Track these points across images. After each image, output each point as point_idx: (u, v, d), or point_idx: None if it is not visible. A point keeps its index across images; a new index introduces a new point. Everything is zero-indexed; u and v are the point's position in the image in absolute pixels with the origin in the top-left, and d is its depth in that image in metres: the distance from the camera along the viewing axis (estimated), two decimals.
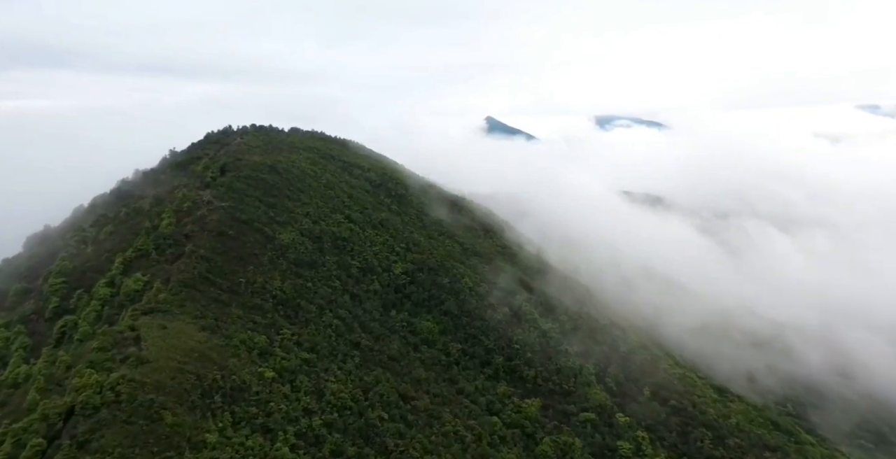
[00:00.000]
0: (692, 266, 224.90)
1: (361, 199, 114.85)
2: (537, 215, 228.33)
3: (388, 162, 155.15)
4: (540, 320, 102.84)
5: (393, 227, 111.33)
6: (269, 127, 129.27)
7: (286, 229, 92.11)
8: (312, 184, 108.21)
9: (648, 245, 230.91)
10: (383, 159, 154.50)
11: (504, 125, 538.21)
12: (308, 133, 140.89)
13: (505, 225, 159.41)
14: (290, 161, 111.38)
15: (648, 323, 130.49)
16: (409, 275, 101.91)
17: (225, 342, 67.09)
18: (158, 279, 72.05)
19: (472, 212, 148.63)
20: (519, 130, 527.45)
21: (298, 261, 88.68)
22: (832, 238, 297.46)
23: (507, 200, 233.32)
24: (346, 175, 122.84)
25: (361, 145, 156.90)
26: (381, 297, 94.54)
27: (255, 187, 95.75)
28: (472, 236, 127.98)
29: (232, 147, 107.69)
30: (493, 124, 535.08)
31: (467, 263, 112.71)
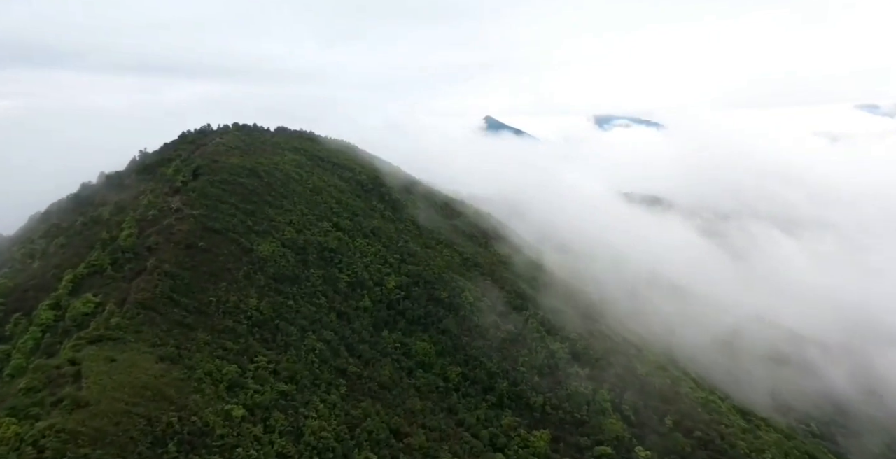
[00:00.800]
0: (698, 271, 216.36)
1: (352, 205, 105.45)
2: (537, 217, 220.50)
3: (383, 164, 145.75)
4: (547, 338, 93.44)
5: (386, 236, 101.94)
6: (253, 126, 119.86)
7: (266, 240, 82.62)
8: (297, 188, 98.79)
9: (652, 249, 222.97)
10: (377, 161, 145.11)
11: (503, 125, 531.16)
12: (296, 133, 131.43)
13: (506, 230, 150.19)
14: (273, 163, 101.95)
15: (659, 337, 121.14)
16: (404, 290, 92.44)
17: (186, 374, 57.55)
18: (113, 300, 62.50)
19: (471, 218, 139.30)
20: (518, 130, 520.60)
21: (279, 276, 79.15)
22: (837, 240, 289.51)
23: (506, 202, 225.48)
24: (335, 178, 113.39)
25: (354, 146, 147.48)
26: (371, 315, 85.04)
27: (231, 193, 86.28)
28: (473, 244, 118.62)
29: (209, 148, 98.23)
30: (492, 124, 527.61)
31: (467, 275, 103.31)
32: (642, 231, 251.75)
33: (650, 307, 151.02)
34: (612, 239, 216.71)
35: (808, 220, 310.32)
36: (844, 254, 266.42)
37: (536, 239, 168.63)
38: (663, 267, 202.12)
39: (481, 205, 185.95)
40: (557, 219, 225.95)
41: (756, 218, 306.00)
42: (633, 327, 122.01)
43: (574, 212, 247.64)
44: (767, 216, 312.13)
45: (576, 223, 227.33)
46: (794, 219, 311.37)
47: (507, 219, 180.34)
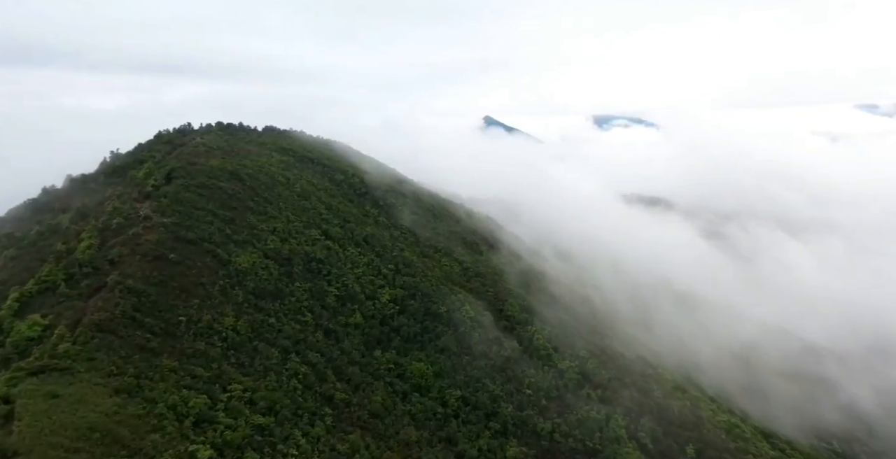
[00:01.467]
0: (704, 276, 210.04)
1: (343, 211, 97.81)
2: (536, 220, 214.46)
3: (379, 166, 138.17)
4: (555, 356, 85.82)
5: (380, 244, 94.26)
6: (239, 125, 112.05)
7: (246, 250, 74.88)
8: (283, 193, 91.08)
9: (656, 253, 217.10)
10: (373, 163, 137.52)
11: (502, 124, 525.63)
12: (285, 133, 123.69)
13: (507, 236, 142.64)
14: (258, 165, 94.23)
15: (671, 351, 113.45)
16: (399, 304, 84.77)
17: (146, 409, 49.75)
18: (64, 322, 54.68)
19: (471, 223, 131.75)
20: (517, 130, 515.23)
21: (259, 291, 71.40)
22: (842, 242, 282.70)
23: (505, 204, 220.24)
24: (326, 181, 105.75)
25: (348, 146, 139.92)
26: (363, 333, 77.30)
27: (208, 198, 78.52)
28: (473, 252, 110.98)
29: (186, 149, 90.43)
30: (491, 124, 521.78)
31: (468, 286, 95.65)
32: (645, 234, 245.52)
33: (658, 317, 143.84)
34: (615, 242, 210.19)
35: (811, 222, 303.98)
36: (851, 258, 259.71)
37: (537, 243, 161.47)
38: (668, 271, 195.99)
39: (481, 207, 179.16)
40: (557, 221, 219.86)
41: (758, 219, 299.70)
42: (643, 340, 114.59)
43: (574, 215, 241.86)
44: (769, 217, 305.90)
45: (576, 226, 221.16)
46: (796, 220, 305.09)
47: (506, 222, 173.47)
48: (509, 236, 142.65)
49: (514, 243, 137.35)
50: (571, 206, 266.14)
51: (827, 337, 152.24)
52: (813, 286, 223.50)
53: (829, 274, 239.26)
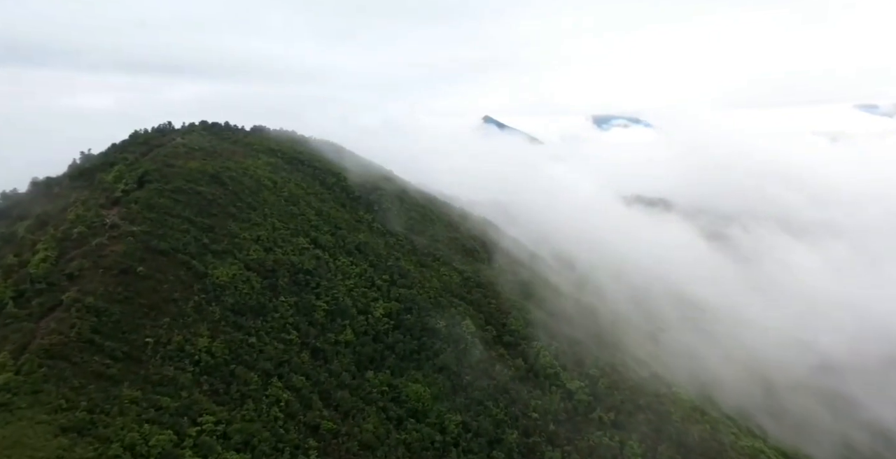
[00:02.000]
0: (711, 281, 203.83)
1: (334, 217, 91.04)
2: (537, 223, 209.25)
3: (374, 167, 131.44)
4: (563, 375, 79.14)
5: (374, 253, 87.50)
6: (225, 124, 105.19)
7: (225, 261, 68.13)
8: (269, 198, 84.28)
9: (661, 257, 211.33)
10: (368, 165, 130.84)
11: (502, 124, 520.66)
12: (275, 133, 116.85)
13: (509, 242, 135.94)
14: (243, 168, 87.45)
15: (684, 366, 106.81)
16: (394, 318, 78.02)
17: (98, 451, 43.06)
18: (9, 347, 47.89)
19: (472, 229, 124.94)
20: (516, 130, 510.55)
21: (239, 307, 64.63)
22: (846, 244, 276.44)
23: (505, 207, 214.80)
24: (317, 185, 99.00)
25: (342, 147, 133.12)
26: (354, 351, 70.51)
27: (185, 204, 71.76)
28: (473, 260, 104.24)
29: (164, 149, 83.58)
30: (490, 123, 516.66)
31: (469, 298, 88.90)
32: (647, 236, 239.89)
33: (668, 326, 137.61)
34: (616, 246, 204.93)
35: (813, 223, 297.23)
36: (857, 261, 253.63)
37: (537, 247, 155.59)
38: (672, 276, 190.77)
39: (480, 210, 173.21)
40: (557, 223, 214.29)
41: (760, 220, 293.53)
42: (652, 352, 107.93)
43: (574, 216, 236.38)
44: (770, 217, 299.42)
45: (576, 228, 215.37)
46: (797, 221, 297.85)
47: (505, 224, 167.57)
48: (509, 241, 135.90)
49: (514, 249, 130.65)
50: (571, 208, 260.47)
51: (843, 347, 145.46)
52: (821, 290, 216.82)
53: (837, 278, 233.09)
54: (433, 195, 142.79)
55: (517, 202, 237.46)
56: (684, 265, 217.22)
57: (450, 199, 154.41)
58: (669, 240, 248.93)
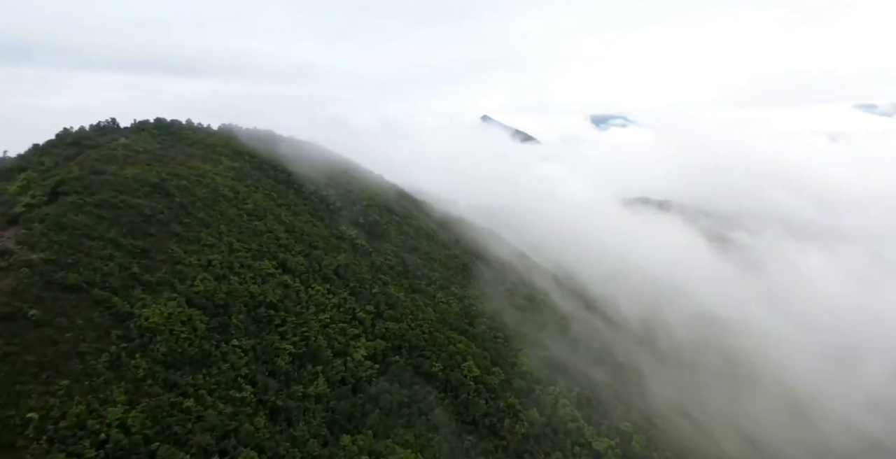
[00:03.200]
0: (722, 292, 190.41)
1: (310, 234, 75.97)
2: (537, 229, 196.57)
3: (363, 172, 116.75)
4: (588, 430, 64.27)
5: (356, 278, 72.47)
6: (187, 123, 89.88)
7: (160, 297, 52.98)
8: (228, 211, 69.19)
9: (669, 267, 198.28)
10: (356, 169, 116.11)
11: (500, 124, 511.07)
12: (248, 132, 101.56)
13: (511, 253, 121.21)
14: (198, 174, 72.37)
15: (719, 407, 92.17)
16: (379, 361, 63.06)
17: None
18: None
19: (471, 242, 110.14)
20: (515, 129, 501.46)
21: (174, 358, 49.46)
22: (851, 248, 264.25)
23: (504, 211, 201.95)
24: (291, 195, 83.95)
25: (327, 149, 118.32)
26: (327, 408, 55.46)
27: (112, 222, 56.71)
28: (475, 281, 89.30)
29: (97, 152, 68.34)
30: (489, 123, 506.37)
31: (471, 331, 73.99)
32: (652, 243, 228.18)
33: (688, 351, 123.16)
34: (623, 254, 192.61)
35: (815, 225, 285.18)
36: (867, 266, 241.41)
37: (539, 256, 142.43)
38: (686, 288, 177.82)
39: (479, 216, 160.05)
40: (559, 229, 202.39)
41: (764, 223, 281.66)
42: (680, 386, 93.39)
43: (576, 221, 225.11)
44: (774, 220, 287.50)
45: (579, 234, 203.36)
46: (803, 225, 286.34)
47: (505, 231, 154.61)
48: (510, 253, 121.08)
49: (517, 263, 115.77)
50: (570, 211, 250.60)
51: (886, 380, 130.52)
52: (837, 298, 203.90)
53: (851, 285, 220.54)
54: (429, 203, 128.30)
55: (515, 206, 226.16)
56: (692, 272, 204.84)
57: (448, 205, 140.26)
58: (674, 246, 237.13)
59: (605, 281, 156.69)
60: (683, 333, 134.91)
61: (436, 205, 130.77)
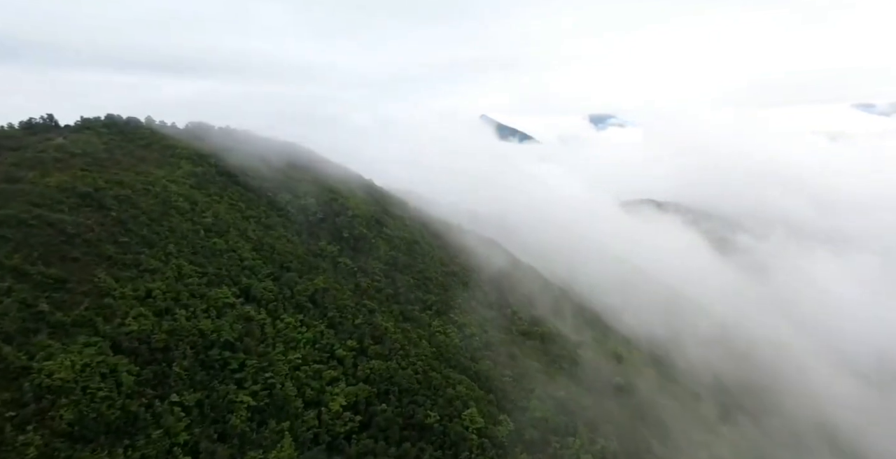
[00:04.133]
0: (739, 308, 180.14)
1: (282, 252, 64.08)
2: (538, 235, 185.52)
3: (350, 177, 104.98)
4: None
5: (337, 305, 60.63)
6: (147, 120, 77.51)
7: (75, 342, 41.05)
8: (181, 226, 57.30)
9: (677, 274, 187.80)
10: (344, 174, 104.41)
11: (499, 123, 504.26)
12: (220, 131, 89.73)
13: (520, 269, 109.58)
14: (146, 182, 60.50)
15: None
16: (362, 412, 51.21)
17: None
18: None
19: (473, 255, 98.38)
20: (514, 129, 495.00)
21: (83, 429, 37.48)
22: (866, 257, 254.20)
23: (505, 215, 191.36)
24: (262, 205, 71.99)
25: (312, 151, 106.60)
26: None
27: (19, 244, 44.71)
28: (479, 306, 77.42)
29: (18, 155, 56.26)
30: (488, 123, 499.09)
31: (474, 368, 62.19)
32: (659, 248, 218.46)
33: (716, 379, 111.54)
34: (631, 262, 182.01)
35: (818, 227, 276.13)
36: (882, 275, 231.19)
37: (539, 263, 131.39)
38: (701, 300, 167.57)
39: (478, 221, 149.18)
40: (563, 235, 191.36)
41: (767, 225, 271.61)
42: (722, 431, 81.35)
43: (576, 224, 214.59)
44: (777, 222, 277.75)
45: (581, 238, 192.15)
46: (809, 228, 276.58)
47: (507, 238, 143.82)
48: (516, 268, 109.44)
49: (524, 280, 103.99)
50: (571, 215, 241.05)
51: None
52: (853, 307, 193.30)
53: (862, 289, 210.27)
54: (425, 210, 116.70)
55: (513, 208, 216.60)
56: (701, 281, 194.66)
57: (444, 209, 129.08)
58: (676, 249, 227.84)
59: (613, 292, 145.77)
60: (702, 355, 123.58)
61: (432, 212, 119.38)
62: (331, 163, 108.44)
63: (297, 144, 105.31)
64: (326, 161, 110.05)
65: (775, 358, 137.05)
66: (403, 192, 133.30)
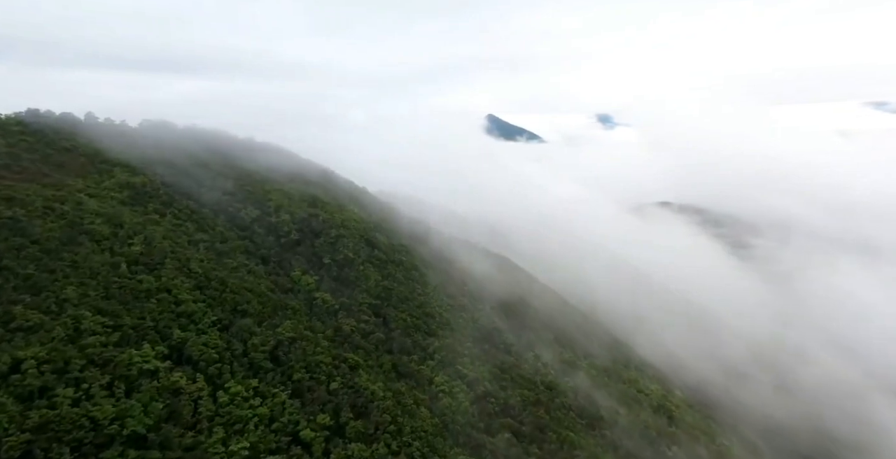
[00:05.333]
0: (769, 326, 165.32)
1: (236, 288, 48.63)
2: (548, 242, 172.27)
3: (338, 186, 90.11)
4: None
5: (306, 362, 45.19)
6: (87, 117, 62.61)
7: None
8: (92, 259, 42.06)
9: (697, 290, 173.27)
10: (329, 181, 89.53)
11: (505, 123, 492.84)
12: (183, 132, 74.82)
13: (538, 292, 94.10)
14: (51, 199, 45.45)
15: None
16: None
17: None
18: None
19: (483, 278, 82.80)
20: (520, 129, 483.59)
21: None
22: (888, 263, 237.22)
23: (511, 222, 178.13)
24: (219, 222, 56.70)
25: (294, 154, 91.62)
26: None
27: None
28: (497, 348, 61.68)
29: None
30: (493, 122, 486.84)
31: (490, 444, 46.53)
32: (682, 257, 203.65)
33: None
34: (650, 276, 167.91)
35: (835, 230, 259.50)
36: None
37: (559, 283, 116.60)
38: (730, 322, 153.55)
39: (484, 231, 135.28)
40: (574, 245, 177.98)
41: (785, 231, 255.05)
42: None
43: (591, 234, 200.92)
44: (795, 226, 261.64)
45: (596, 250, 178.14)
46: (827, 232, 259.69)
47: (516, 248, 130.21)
48: (542, 296, 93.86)
49: (543, 307, 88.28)
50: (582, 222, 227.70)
51: None
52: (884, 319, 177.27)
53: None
54: (426, 220, 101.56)
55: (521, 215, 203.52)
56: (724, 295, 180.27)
57: (452, 223, 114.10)
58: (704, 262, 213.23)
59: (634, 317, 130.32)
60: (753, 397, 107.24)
61: (434, 223, 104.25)
62: (318, 168, 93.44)
63: (279, 145, 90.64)
64: (312, 165, 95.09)
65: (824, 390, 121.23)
66: (402, 199, 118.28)
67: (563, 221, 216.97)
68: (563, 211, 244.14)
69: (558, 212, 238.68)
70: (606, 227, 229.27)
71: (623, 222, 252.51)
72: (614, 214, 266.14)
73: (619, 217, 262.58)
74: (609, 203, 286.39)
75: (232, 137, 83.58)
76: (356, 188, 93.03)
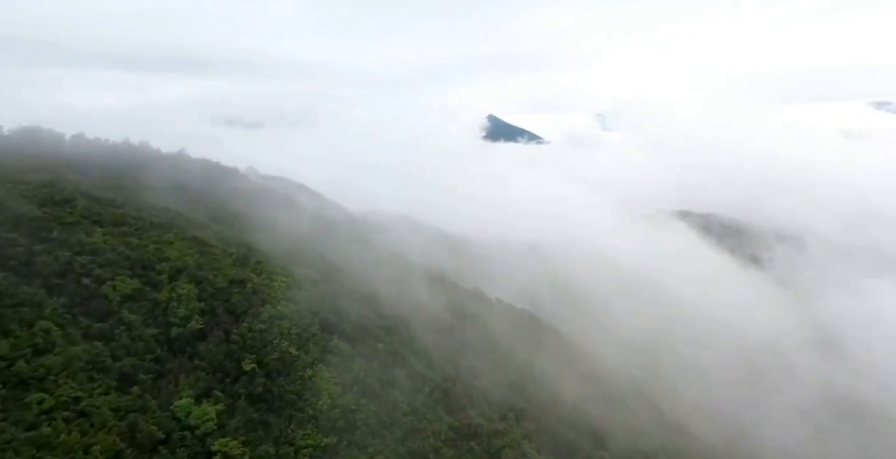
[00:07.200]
0: None
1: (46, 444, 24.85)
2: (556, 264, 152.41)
3: (328, 207, 66.32)
4: None
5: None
6: None
7: None
8: None
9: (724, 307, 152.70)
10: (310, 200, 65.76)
11: (506, 124, 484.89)
12: (73, 142, 51.12)
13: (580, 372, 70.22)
14: None
15: None
16: None
17: None
18: None
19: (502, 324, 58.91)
20: (522, 130, 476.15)
21: None
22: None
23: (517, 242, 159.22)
24: (55, 304, 32.90)
25: (243, 174, 67.84)
26: None
27: None
28: (507, 441, 37.67)
29: None
30: (494, 123, 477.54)
31: None
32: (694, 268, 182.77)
33: None
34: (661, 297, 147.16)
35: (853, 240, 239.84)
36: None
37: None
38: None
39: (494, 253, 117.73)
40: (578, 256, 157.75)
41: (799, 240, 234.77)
42: None
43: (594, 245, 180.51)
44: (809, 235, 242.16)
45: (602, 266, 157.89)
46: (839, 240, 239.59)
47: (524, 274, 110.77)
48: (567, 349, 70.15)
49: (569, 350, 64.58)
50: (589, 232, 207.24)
51: None
52: None
53: None
54: (424, 255, 78.34)
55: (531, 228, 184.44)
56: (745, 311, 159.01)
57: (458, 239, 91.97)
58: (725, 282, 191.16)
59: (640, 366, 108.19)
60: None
61: (436, 261, 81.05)
62: (280, 192, 69.46)
63: (216, 162, 66.53)
64: (277, 182, 71.25)
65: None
66: (391, 221, 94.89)
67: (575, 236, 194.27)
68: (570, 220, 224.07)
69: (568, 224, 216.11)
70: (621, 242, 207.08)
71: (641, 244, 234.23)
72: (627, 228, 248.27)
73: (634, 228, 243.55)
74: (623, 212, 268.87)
75: (152, 151, 59.86)
76: (325, 215, 69.00)
